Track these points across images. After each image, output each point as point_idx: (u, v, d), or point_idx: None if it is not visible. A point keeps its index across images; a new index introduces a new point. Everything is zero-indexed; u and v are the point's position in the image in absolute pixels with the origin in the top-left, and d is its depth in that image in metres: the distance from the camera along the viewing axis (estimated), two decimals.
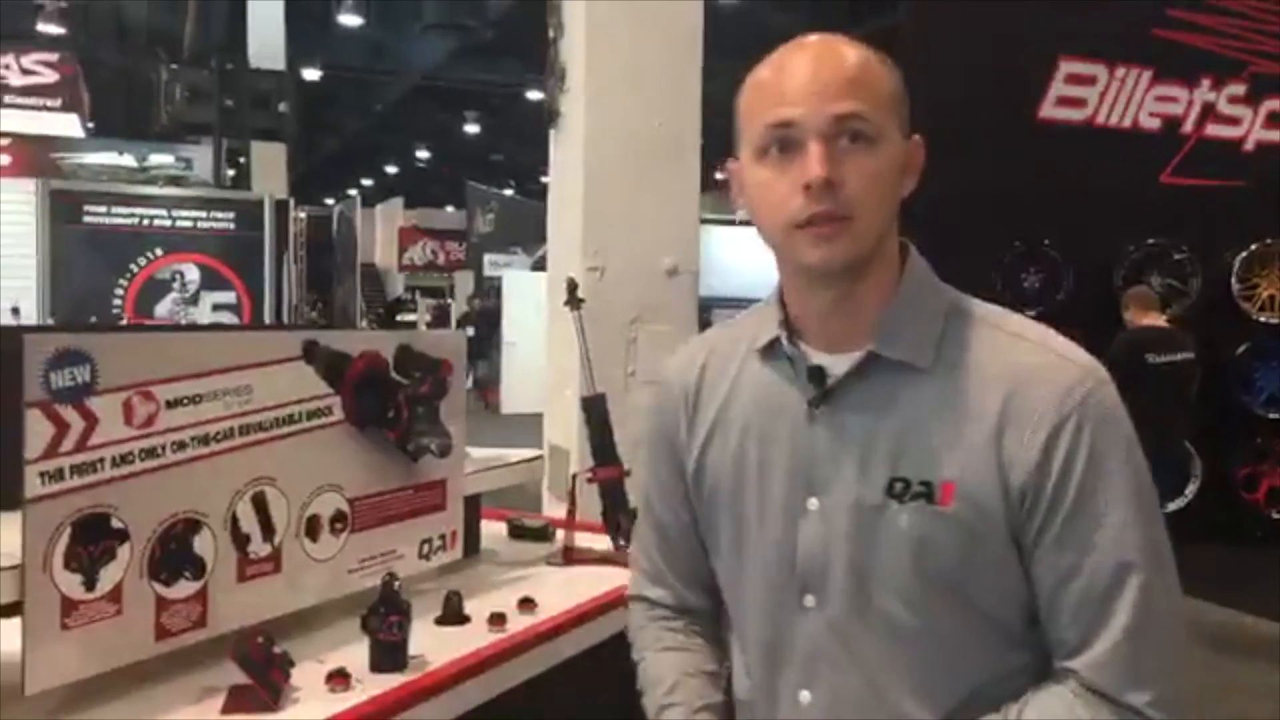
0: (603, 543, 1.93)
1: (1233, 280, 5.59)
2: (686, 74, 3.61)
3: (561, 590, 1.64)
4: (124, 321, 6.32)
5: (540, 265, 14.79)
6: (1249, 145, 6.06)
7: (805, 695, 0.96)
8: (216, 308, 6.80)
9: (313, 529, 1.39)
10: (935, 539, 0.90)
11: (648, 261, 3.53)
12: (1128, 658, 0.87)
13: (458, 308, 12.99)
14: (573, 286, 2.01)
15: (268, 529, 1.32)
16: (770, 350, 0.99)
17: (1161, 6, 5.77)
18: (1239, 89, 6.01)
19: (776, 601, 0.97)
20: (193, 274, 6.88)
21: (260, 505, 1.31)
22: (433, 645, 1.36)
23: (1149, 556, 0.89)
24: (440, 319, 16.84)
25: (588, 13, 3.49)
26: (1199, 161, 5.87)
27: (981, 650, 0.92)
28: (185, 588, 1.22)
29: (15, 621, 1.17)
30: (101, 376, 1.12)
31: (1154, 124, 5.88)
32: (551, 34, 3.67)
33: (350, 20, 14.38)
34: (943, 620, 0.91)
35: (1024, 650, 0.93)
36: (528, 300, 11.12)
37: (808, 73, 0.91)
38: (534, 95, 18.32)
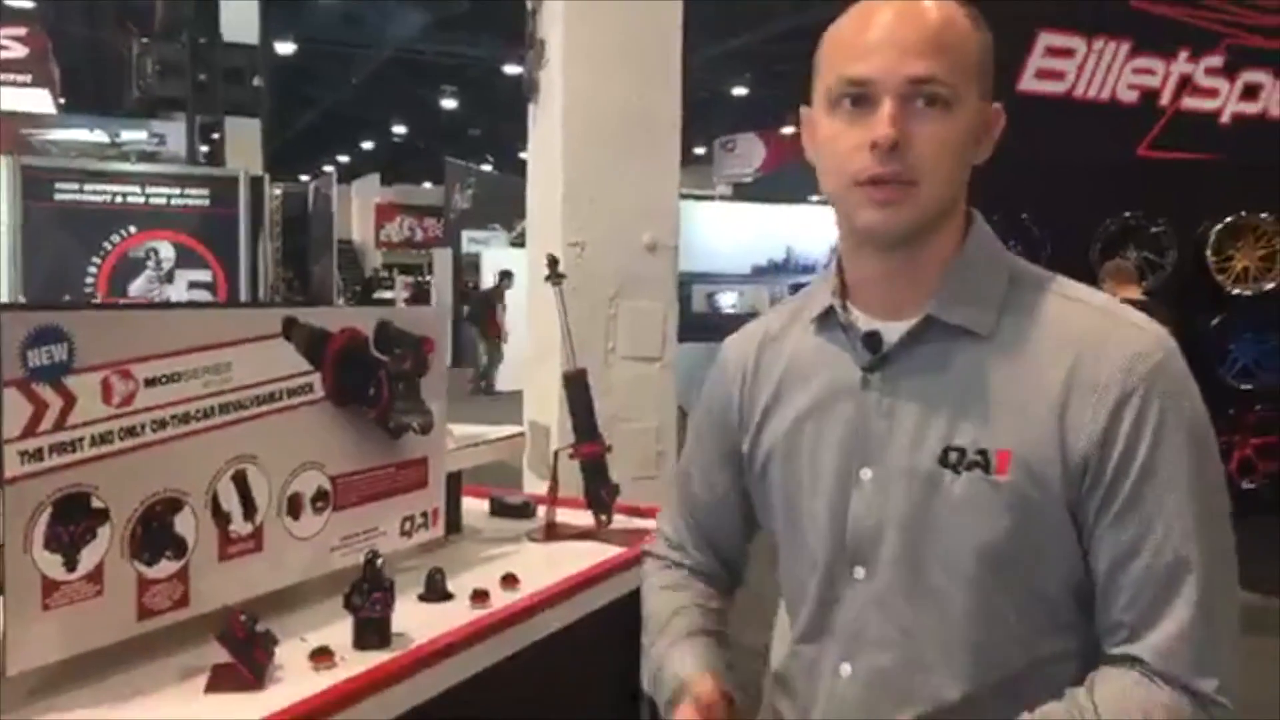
0: (584, 518, 1.93)
1: (1208, 253, 5.64)
2: (667, 49, 3.59)
3: (544, 566, 1.64)
4: (97, 300, 6.24)
5: (519, 241, 14.72)
6: (1225, 118, 6.09)
7: (846, 668, 0.96)
8: (192, 285, 6.73)
9: (294, 507, 1.39)
10: (991, 510, 0.88)
11: (628, 237, 3.52)
12: (1195, 643, 0.86)
13: (440, 284, 12.90)
14: (553, 262, 2.01)
15: (249, 507, 1.32)
16: (825, 319, 0.99)
17: None
18: (1216, 61, 6.04)
19: (826, 573, 0.97)
20: (167, 252, 6.78)
21: (241, 484, 1.30)
22: (416, 622, 1.36)
23: (1210, 538, 0.87)
24: (418, 297, 16.74)
25: None
26: (1176, 134, 5.90)
27: (1027, 632, 0.91)
28: (166, 567, 1.21)
29: None
30: (79, 355, 1.10)
31: (1132, 96, 5.89)
32: (530, 6, 3.64)
33: None
34: (992, 597, 0.90)
35: (1070, 636, 0.92)
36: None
37: (888, 29, 0.89)
38: (512, 69, 18.18)
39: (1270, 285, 5.64)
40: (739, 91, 19.00)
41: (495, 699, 1.38)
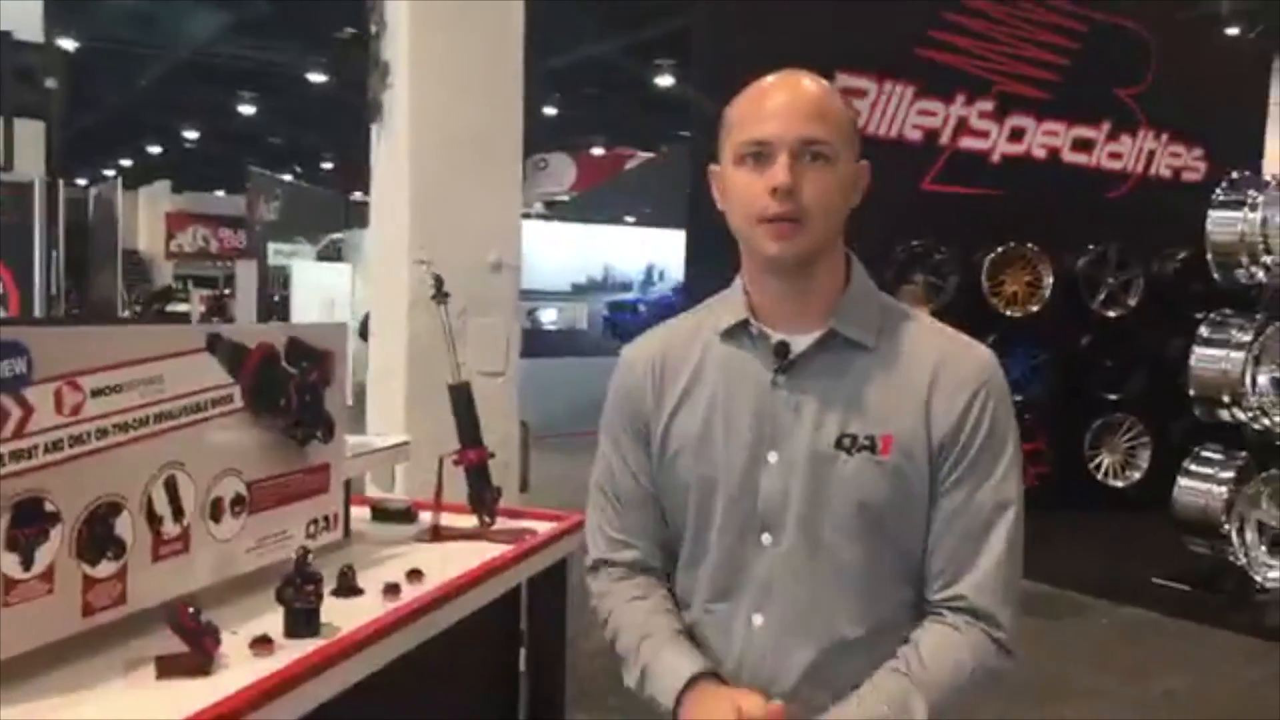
0: (463, 521, 2.07)
1: (983, 278, 6.30)
2: (508, 73, 3.75)
3: (441, 563, 1.78)
4: None
5: (326, 255, 14.36)
6: (995, 157, 6.82)
7: (758, 619, 1.18)
8: None
9: (216, 511, 1.48)
10: (875, 483, 1.14)
11: (473, 256, 3.65)
12: (998, 581, 1.14)
13: (245, 298, 12.39)
14: (439, 281, 2.14)
15: (178, 511, 1.40)
16: (734, 332, 1.21)
17: (924, 28, 6.40)
18: (988, 105, 6.75)
19: (737, 540, 1.18)
20: None
21: (171, 488, 1.38)
22: (336, 615, 1.47)
23: (1017, 500, 1.16)
24: (215, 311, 16.01)
25: (410, 10, 3.57)
26: (954, 171, 6.56)
27: (895, 580, 1.17)
28: (108, 567, 1.29)
29: None
30: (37, 367, 1.17)
31: (916, 135, 6.51)
32: (374, 29, 3.72)
33: None
34: (873, 553, 1.15)
35: (920, 585, 1.19)
36: (318, 292, 10.84)
37: (783, 100, 1.14)
38: (315, 77, 17.70)
39: (1036, 307, 6.36)
40: (549, 110, 19.29)
41: (410, 682, 1.51)
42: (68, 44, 14.34)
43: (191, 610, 1.27)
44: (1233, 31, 8.41)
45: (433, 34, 3.60)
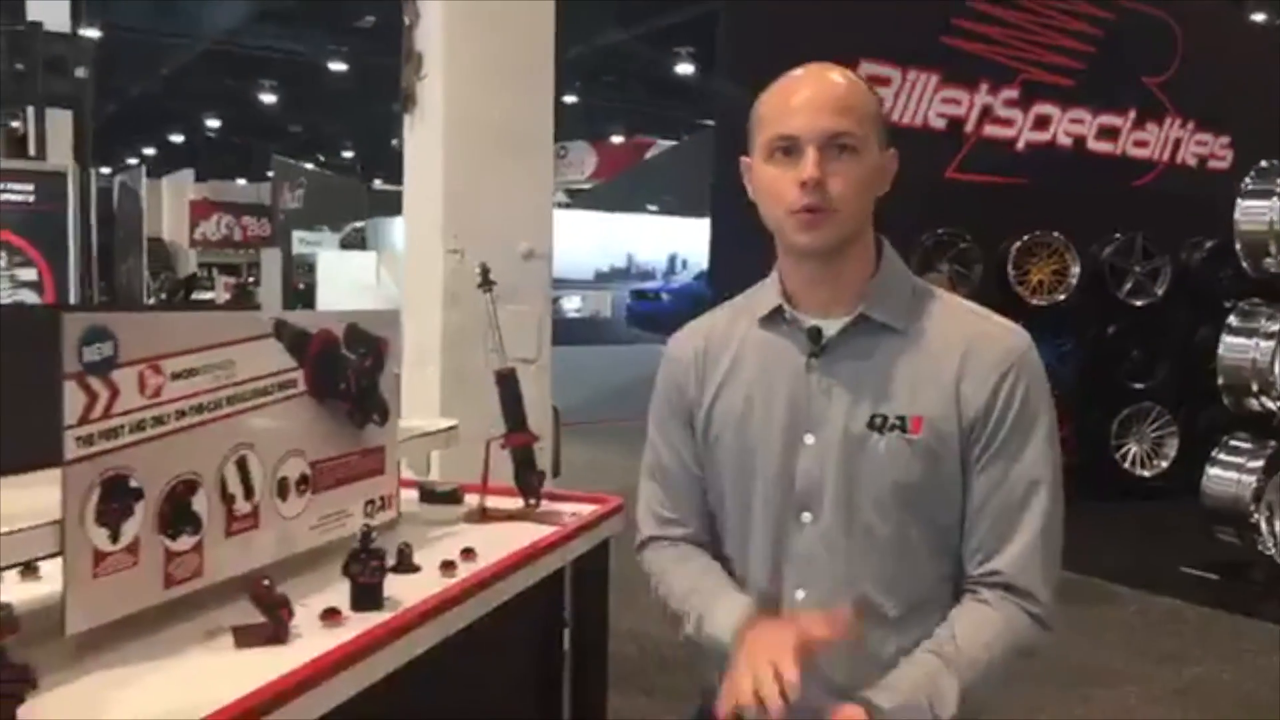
0: (508, 503, 2.13)
1: (1009, 267, 6.30)
2: (539, 63, 3.80)
3: (490, 542, 1.83)
4: None
5: (350, 244, 14.45)
6: (1020, 145, 6.82)
7: (800, 593, 1.23)
8: (18, 285, 6.39)
9: (282, 490, 1.53)
10: (907, 461, 1.18)
11: (505, 245, 3.70)
12: (1035, 557, 1.18)
13: (269, 286, 12.52)
14: (485, 270, 2.18)
15: (249, 489, 1.46)
16: (771, 318, 1.25)
17: (948, 16, 6.40)
18: (1012, 93, 6.75)
19: (778, 520, 1.23)
20: None
21: (243, 468, 1.44)
22: (397, 590, 1.53)
23: (1053, 481, 1.20)
24: (241, 298, 16.15)
25: (444, 2, 3.62)
26: (979, 159, 6.56)
27: (930, 556, 1.22)
28: (186, 541, 1.34)
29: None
30: (122, 351, 1.23)
31: (940, 124, 6.51)
32: (407, 21, 3.76)
33: None
34: (907, 529, 1.20)
35: (956, 561, 1.23)
36: (342, 280, 10.91)
37: (808, 95, 1.18)
38: (337, 66, 17.80)
39: (1061, 296, 6.36)
40: (569, 99, 19.37)
41: (462, 658, 1.57)
42: (92, 33, 14.48)
43: (267, 582, 1.33)
44: (1260, 18, 8.35)
45: (466, 25, 3.64)
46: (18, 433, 1.24)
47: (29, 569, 1.42)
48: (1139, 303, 6.54)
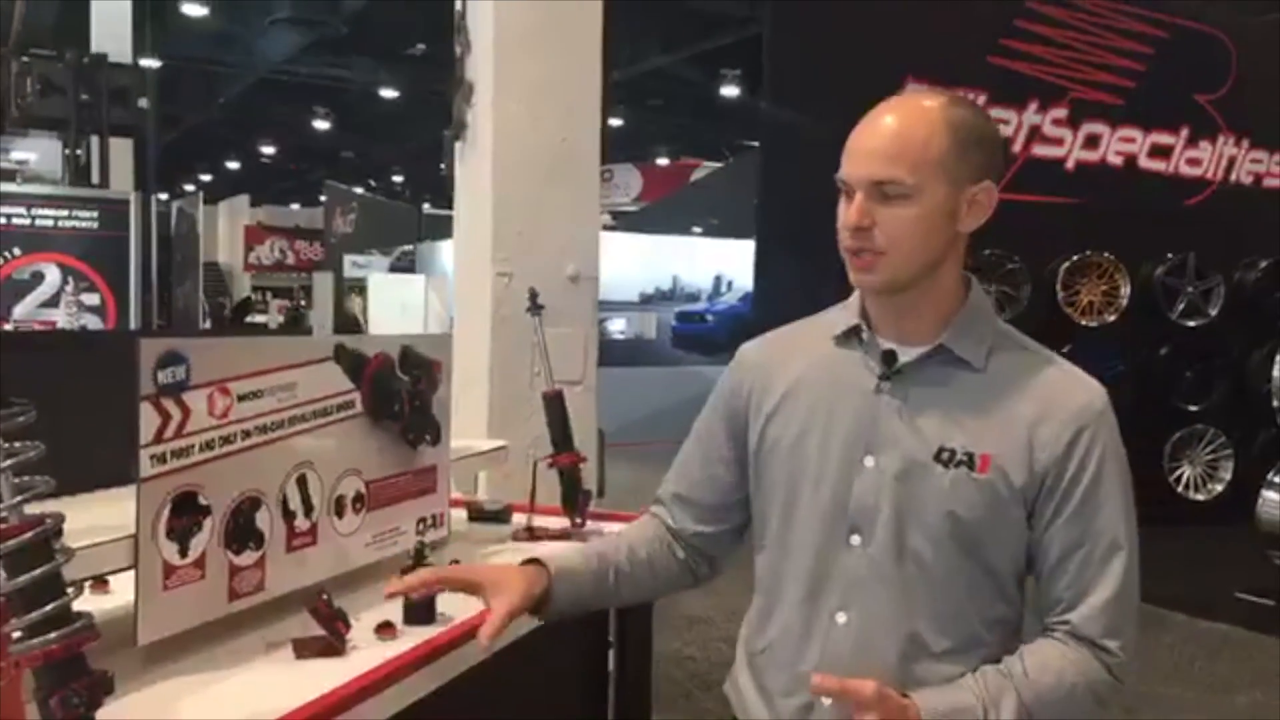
0: (555, 522, 2.17)
1: (1058, 287, 6.24)
2: (587, 90, 3.87)
3: None
4: None
5: (400, 267, 14.69)
6: (1070, 164, 6.77)
7: (841, 617, 1.22)
8: (82, 309, 6.60)
9: (339, 508, 1.59)
10: (969, 498, 1.17)
11: (553, 268, 3.76)
12: (1112, 613, 1.18)
13: (323, 309, 12.75)
14: (534, 295, 2.24)
15: (308, 507, 1.52)
16: (847, 336, 1.26)
17: (996, 36, 6.39)
18: (1061, 113, 6.70)
19: (825, 540, 1.23)
20: (53, 274, 6.65)
21: (303, 486, 1.50)
22: (447, 605, 1.57)
23: (1130, 538, 1.20)
24: (293, 321, 16.46)
25: (495, 32, 3.70)
26: (1028, 179, 6.52)
27: (981, 596, 1.21)
28: (250, 556, 1.41)
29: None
30: (194, 374, 1.30)
31: None
32: (459, 51, 3.86)
33: (194, 10, 13.94)
34: (960, 566, 1.19)
35: (1009, 605, 1.23)
36: (394, 303, 11.11)
37: (864, 138, 1.19)
38: (388, 93, 18.15)
39: (1112, 317, 6.28)
40: (614, 122, 19.52)
41: (511, 675, 1.60)
42: (151, 63, 14.92)
43: (325, 596, 1.38)
44: None
45: (515, 55, 3.72)
46: (97, 452, 1.31)
47: (99, 582, 1.49)
48: (1192, 323, 6.44)
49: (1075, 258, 6.25)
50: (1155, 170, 6.98)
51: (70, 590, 1.02)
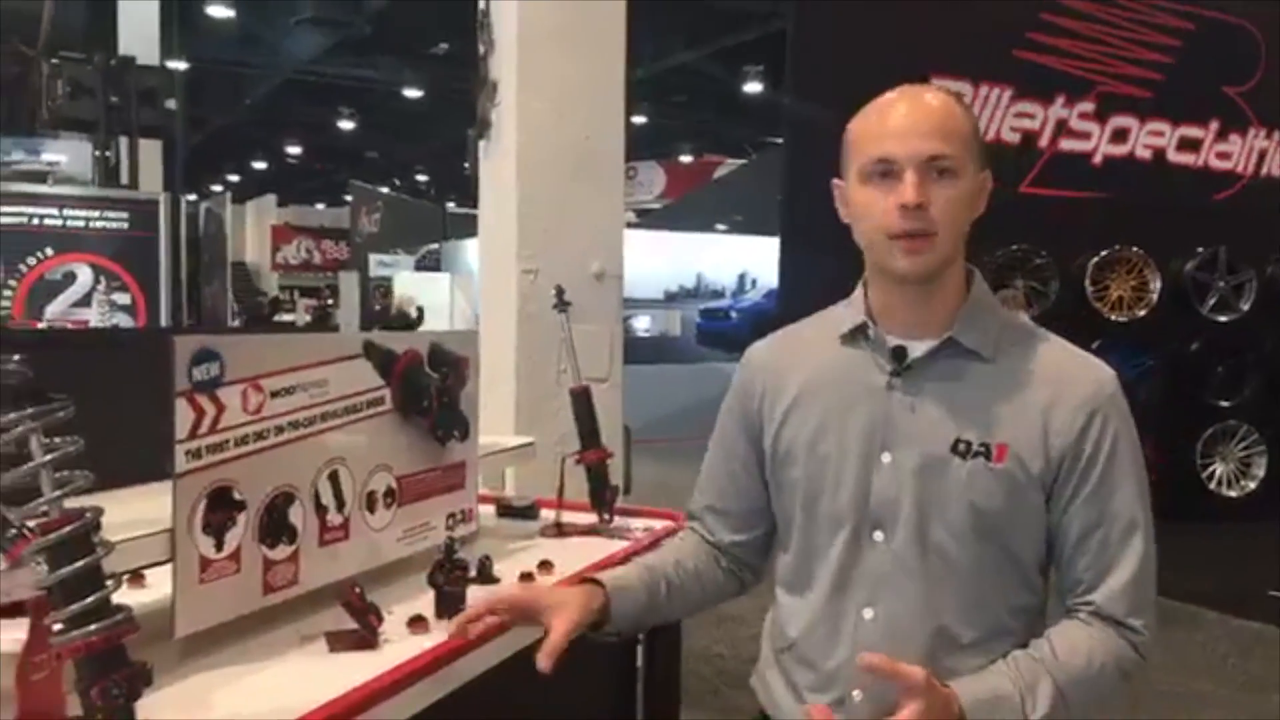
0: (582, 518, 2.18)
1: (1086, 283, 6.19)
2: (610, 88, 3.88)
3: (568, 555, 1.89)
4: (14, 323, 6.17)
5: (425, 265, 14.75)
6: (1097, 159, 6.70)
7: (869, 612, 1.22)
8: (114, 308, 6.68)
9: (371, 503, 1.61)
10: (988, 488, 1.17)
11: (577, 266, 3.77)
12: (1133, 592, 1.19)
13: (349, 308, 12.84)
14: (561, 292, 2.24)
15: (340, 502, 1.53)
16: (853, 335, 1.26)
17: (1022, 30, 6.33)
18: (1088, 107, 6.63)
19: (849, 537, 1.23)
20: (85, 274, 6.74)
21: (335, 481, 1.52)
22: (478, 599, 1.58)
23: (1146, 517, 1.20)
24: (320, 319, 16.57)
25: (519, 30, 3.72)
26: (1054, 173, 6.46)
27: (1005, 585, 1.22)
28: (284, 550, 1.42)
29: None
30: (228, 371, 1.31)
31: (1014, 138, 6.43)
32: (482, 50, 3.88)
33: (220, 12, 14.07)
34: (983, 556, 1.19)
35: (1033, 593, 1.23)
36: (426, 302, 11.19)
37: (907, 117, 1.18)
38: (412, 93, 18.26)
39: (1142, 312, 6.22)
40: (637, 120, 19.51)
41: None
42: (179, 65, 15.08)
43: (358, 590, 1.39)
44: None
45: (538, 53, 3.74)
46: (134, 448, 1.33)
47: (136, 576, 1.51)
48: (1223, 318, 6.36)
49: (1104, 253, 6.18)
50: (1184, 164, 6.89)
51: (109, 583, 1.04)
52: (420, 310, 9.98)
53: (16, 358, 0.99)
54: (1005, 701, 1.13)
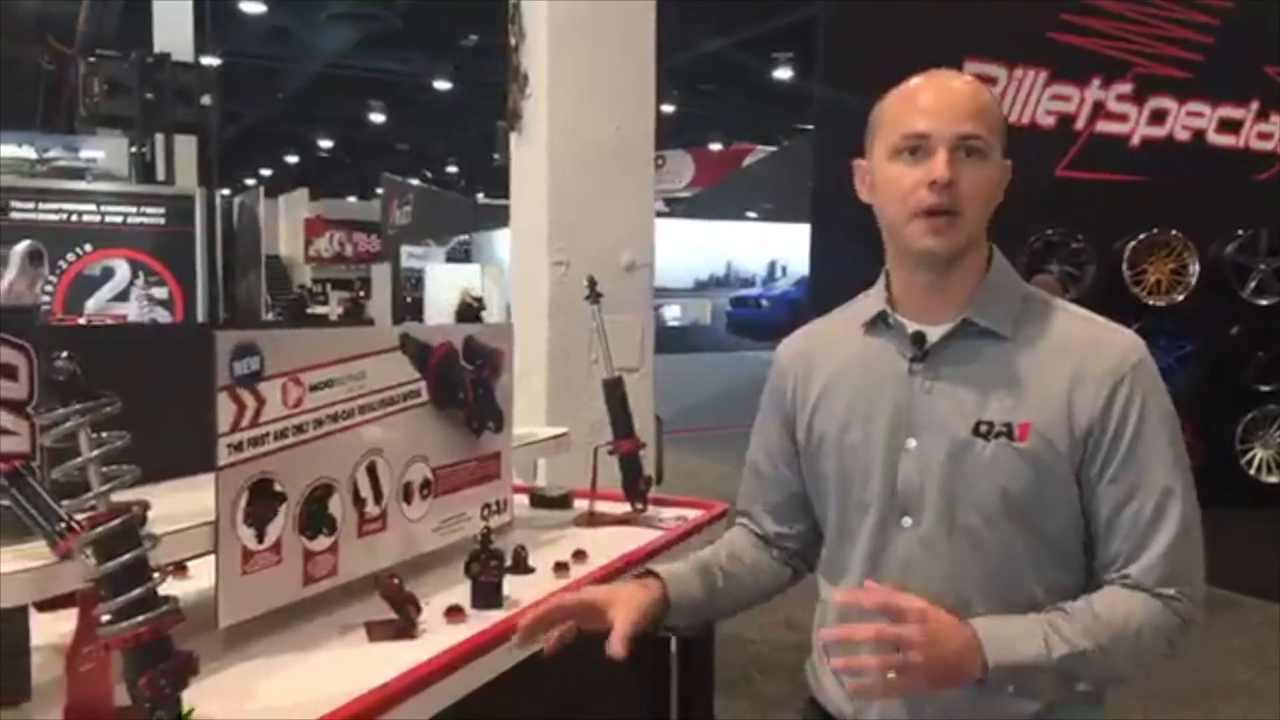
0: (615, 508, 2.19)
1: (1124, 267, 6.11)
2: (640, 79, 3.87)
3: (601, 545, 1.90)
4: (57, 318, 6.27)
5: (455, 257, 14.83)
6: (1135, 141, 6.60)
7: None
8: (152, 302, 6.78)
9: (407, 494, 1.63)
10: (1013, 469, 1.17)
11: (608, 256, 3.78)
12: (1170, 561, 1.17)
13: (381, 300, 12.95)
14: (593, 283, 2.25)
15: (378, 493, 1.55)
16: (874, 323, 1.27)
17: (1056, 11, 6.24)
18: (1126, 88, 6.53)
19: (878, 524, 1.24)
20: (123, 270, 6.84)
21: (372, 473, 1.54)
22: (513, 589, 1.60)
23: (1184, 484, 1.18)
24: (353, 312, 16.70)
25: (549, 22, 3.72)
26: (1091, 156, 6.38)
27: (1039, 564, 1.20)
28: (323, 542, 1.44)
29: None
30: (268, 365, 1.33)
31: (1050, 121, 6.35)
32: (513, 41, 3.88)
33: (253, 8, 14.19)
34: (1012, 536, 1.19)
35: (1072, 573, 1.22)
36: (453, 293, 11.26)
37: (939, 96, 1.19)
38: (442, 85, 18.33)
39: (1180, 296, 6.13)
40: (666, 109, 19.44)
41: (576, 658, 1.63)
42: (212, 61, 15.22)
43: (397, 580, 1.41)
44: None
45: (569, 45, 3.74)
46: (177, 441, 1.35)
47: (179, 567, 1.54)
48: (1264, 302, 6.26)
49: (1142, 236, 6.11)
50: (1224, 145, 6.78)
51: (155, 575, 1.06)
52: (480, 300, 10.07)
53: (65, 354, 1.02)
54: (1027, 637, 1.13)
